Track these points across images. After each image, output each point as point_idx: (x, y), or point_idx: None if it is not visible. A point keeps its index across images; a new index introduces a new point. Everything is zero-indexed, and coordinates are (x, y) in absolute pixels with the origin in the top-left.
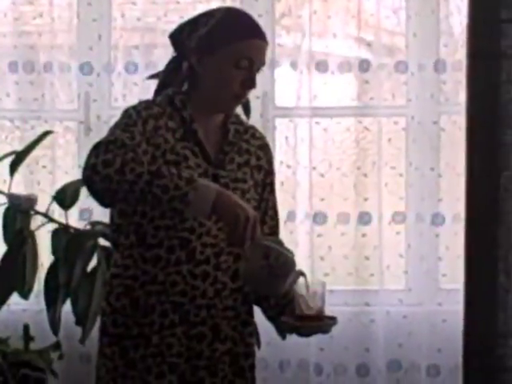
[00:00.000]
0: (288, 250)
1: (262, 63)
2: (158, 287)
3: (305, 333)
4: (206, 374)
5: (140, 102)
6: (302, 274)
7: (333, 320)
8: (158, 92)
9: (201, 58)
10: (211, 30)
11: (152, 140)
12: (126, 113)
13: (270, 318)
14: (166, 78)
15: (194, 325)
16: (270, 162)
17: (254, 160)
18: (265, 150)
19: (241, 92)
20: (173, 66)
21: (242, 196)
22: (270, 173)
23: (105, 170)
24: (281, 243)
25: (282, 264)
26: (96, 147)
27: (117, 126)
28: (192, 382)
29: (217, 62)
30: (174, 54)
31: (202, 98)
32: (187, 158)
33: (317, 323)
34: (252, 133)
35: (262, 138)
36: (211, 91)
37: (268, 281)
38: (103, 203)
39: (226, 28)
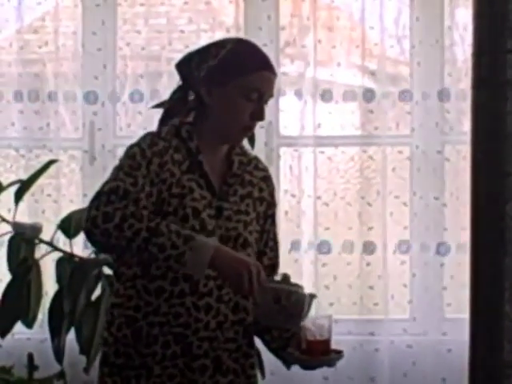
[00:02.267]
0: (296, 285)
1: (271, 95)
2: (161, 318)
3: (310, 366)
4: None
5: (145, 137)
6: (313, 296)
7: (339, 354)
8: (163, 121)
9: (210, 89)
10: (222, 61)
11: (157, 178)
12: (130, 151)
13: (272, 350)
14: (172, 108)
15: (196, 357)
16: (272, 193)
17: (256, 192)
18: (267, 182)
19: (250, 124)
20: (179, 95)
21: (244, 228)
22: (272, 204)
23: (104, 224)
24: (287, 279)
25: (294, 303)
26: (98, 196)
27: (120, 167)
28: None
29: (227, 93)
30: (180, 83)
31: (210, 129)
32: (192, 191)
33: (322, 357)
34: (255, 164)
35: (264, 169)
36: (220, 123)
37: (284, 320)
38: (103, 253)
39: (237, 60)
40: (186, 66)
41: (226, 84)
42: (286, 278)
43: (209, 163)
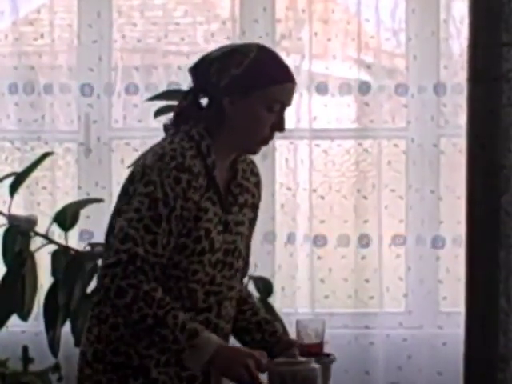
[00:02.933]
0: (302, 362)
1: (290, 105)
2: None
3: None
4: None
5: (166, 167)
6: (331, 360)
7: (330, 357)
8: (175, 122)
9: (232, 100)
10: (246, 71)
11: (180, 215)
12: (152, 194)
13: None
14: (184, 111)
15: (187, 368)
16: (260, 197)
17: (250, 198)
18: (259, 188)
19: (270, 135)
20: (191, 98)
21: (240, 239)
22: (258, 209)
23: (116, 299)
24: (294, 355)
25: (301, 381)
26: (116, 264)
27: (140, 219)
28: None
29: (250, 104)
30: (192, 86)
31: (227, 138)
32: (207, 211)
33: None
34: (251, 169)
35: (257, 174)
36: (240, 133)
37: None
38: None
39: (262, 71)
40: (203, 70)
41: (249, 94)
42: (292, 357)
43: (218, 173)
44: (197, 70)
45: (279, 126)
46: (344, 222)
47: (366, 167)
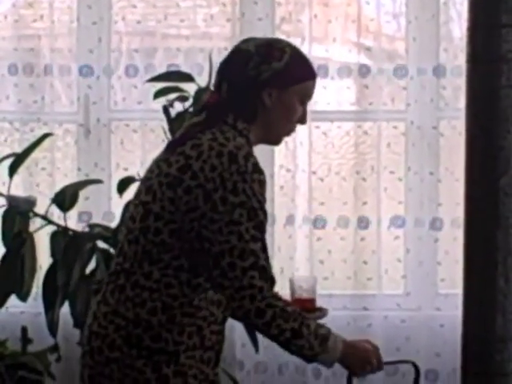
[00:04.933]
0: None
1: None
2: (192, 310)
3: None
4: None
5: (248, 159)
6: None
7: (322, 311)
8: (211, 117)
9: (272, 92)
10: (287, 65)
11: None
12: (256, 177)
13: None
14: (217, 103)
15: (207, 349)
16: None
17: None
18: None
19: (294, 127)
20: (225, 93)
21: None
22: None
23: (255, 319)
24: None
25: None
26: (250, 279)
27: (256, 226)
28: None
29: (288, 97)
30: (224, 81)
31: (259, 129)
32: None
33: (309, 315)
34: None
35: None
36: (273, 125)
37: None
38: None
39: (300, 66)
40: (239, 64)
41: (288, 88)
42: None
43: None
44: (230, 64)
45: (303, 118)
46: (343, 203)
47: (365, 149)
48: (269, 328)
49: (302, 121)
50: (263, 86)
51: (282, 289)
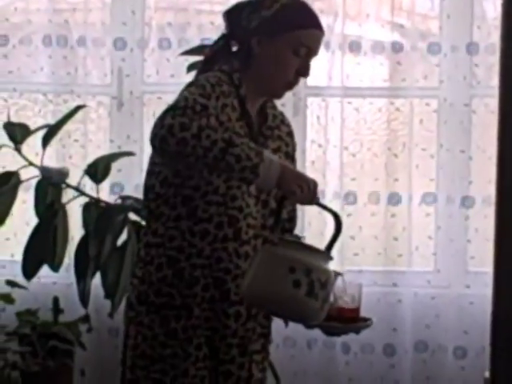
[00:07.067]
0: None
1: (317, 53)
2: (204, 261)
3: (337, 333)
4: (236, 353)
5: (210, 76)
6: (338, 274)
7: (366, 322)
8: (205, 66)
9: (261, 39)
10: (276, 13)
11: (219, 117)
12: (198, 83)
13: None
14: (215, 54)
15: (233, 303)
16: (294, 149)
17: (284, 146)
18: (291, 137)
19: (294, 80)
20: (222, 43)
21: None
22: (293, 159)
23: (181, 133)
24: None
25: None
26: (172, 109)
27: (190, 93)
28: (224, 360)
29: (277, 45)
30: (224, 32)
31: (254, 79)
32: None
33: (351, 325)
34: (281, 119)
35: (289, 125)
36: (265, 74)
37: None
38: (170, 164)
39: (291, 14)
40: (235, 15)
41: (277, 36)
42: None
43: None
44: (230, 15)
45: (304, 71)
46: (375, 179)
47: (397, 126)
48: (199, 139)
49: (303, 74)
50: (252, 33)
51: None
